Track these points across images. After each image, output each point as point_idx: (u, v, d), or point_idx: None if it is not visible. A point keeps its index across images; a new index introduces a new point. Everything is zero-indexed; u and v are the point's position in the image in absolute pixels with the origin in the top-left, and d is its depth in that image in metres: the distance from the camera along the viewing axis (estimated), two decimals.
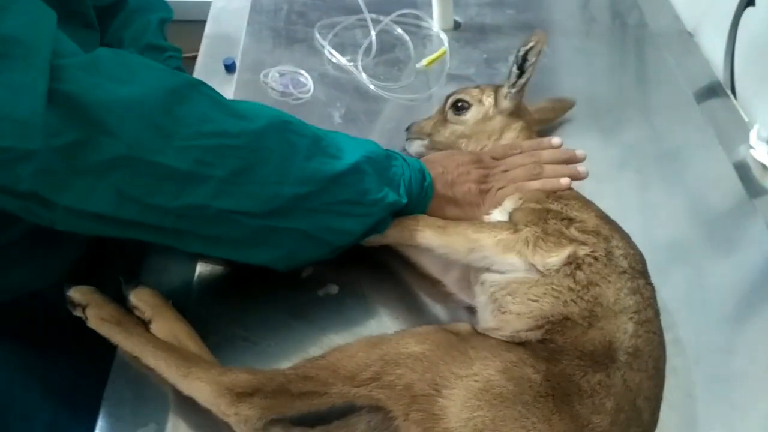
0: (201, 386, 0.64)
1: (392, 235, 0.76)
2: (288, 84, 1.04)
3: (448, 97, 0.94)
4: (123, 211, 0.58)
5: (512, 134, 0.90)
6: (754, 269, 0.89)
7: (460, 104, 0.92)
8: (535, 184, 0.81)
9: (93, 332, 0.71)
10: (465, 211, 0.80)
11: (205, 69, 1.07)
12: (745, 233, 0.94)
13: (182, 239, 0.64)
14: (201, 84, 0.62)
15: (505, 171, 0.83)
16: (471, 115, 0.91)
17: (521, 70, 0.88)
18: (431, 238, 0.75)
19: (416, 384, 0.59)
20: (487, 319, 0.72)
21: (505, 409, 0.58)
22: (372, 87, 1.07)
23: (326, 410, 0.63)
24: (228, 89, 1.03)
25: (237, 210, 0.62)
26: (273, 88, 1.04)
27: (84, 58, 0.55)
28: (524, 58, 0.87)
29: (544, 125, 1.01)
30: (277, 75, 1.05)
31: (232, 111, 0.62)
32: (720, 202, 0.98)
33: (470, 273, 0.78)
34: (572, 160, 0.85)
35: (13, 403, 0.78)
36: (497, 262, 0.73)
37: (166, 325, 0.72)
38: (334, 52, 1.10)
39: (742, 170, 1.00)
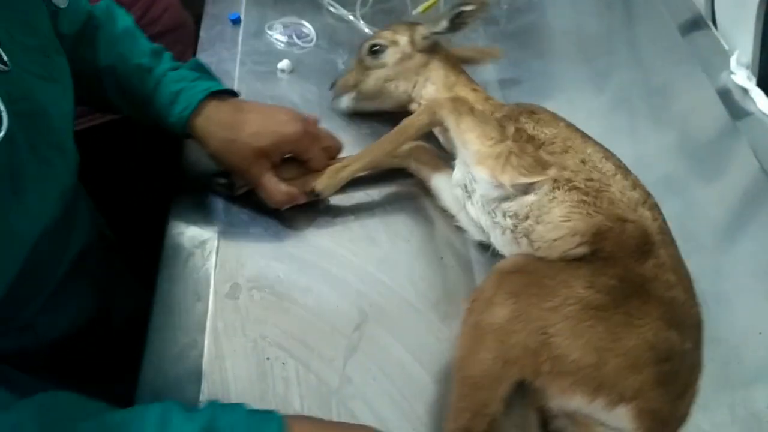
0: None
1: (422, 117, 0.81)
2: (292, 34, 1.09)
3: (360, 47, 0.95)
4: None
5: (436, 68, 0.92)
6: (742, 190, 0.95)
7: (375, 48, 0.92)
8: None
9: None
10: None
11: (212, 25, 1.12)
12: (731, 156, 1.00)
13: None
14: None
15: None
16: (389, 57, 0.92)
17: (452, 24, 0.88)
18: (449, 119, 0.79)
19: (528, 340, 0.61)
20: (527, 251, 0.75)
21: (612, 316, 0.61)
22: (371, 35, 1.11)
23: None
24: (236, 42, 1.08)
25: None
26: (278, 39, 1.08)
27: None
28: (459, 15, 0.87)
29: (467, 64, 1.01)
30: (281, 27, 1.10)
31: None
32: (706, 128, 1.03)
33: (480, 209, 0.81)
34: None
35: None
36: (473, 170, 0.78)
37: None
38: (333, 3, 1.15)
39: (725, 95, 1.06)
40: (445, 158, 0.88)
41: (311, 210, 0.86)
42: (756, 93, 1.05)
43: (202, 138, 0.80)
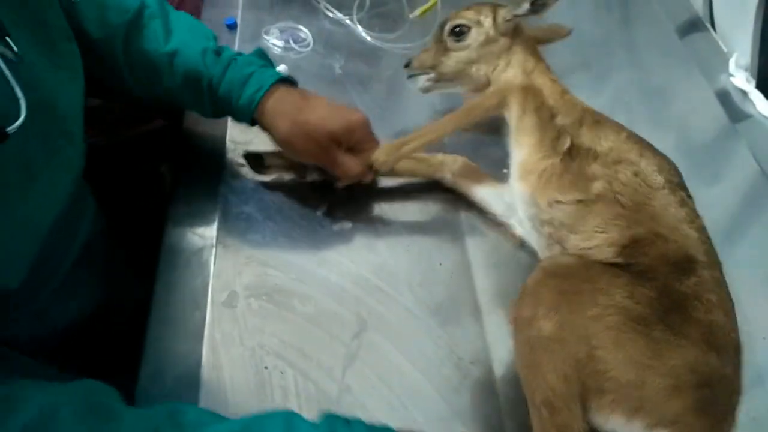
0: None
1: (491, 100, 0.82)
2: (289, 39, 1.08)
3: (442, 25, 0.91)
4: None
5: (517, 52, 0.88)
6: (741, 193, 0.95)
7: (458, 29, 0.88)
8: None
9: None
10: None
11: None
12: (730, 159, 1.00)
13: None
14: None
15: None
16: (473, 39, 0.88)
17: (533, 7, 0.85)
18: (514, 109, 0.80)
19: (579, 351, 0.60)
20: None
21: (652, 331, 0.59)
22: (368, 39, 1.11)
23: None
24: (232, 46, 1.07)
25: None
26: (274, 44, 1.08)
27: None
28: None
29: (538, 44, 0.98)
30: (278, 31, 1.09)
31: None
32: (705, 131, 1.03)
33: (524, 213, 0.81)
34: None
35: None
36: (515, 183, 0.79)
37: None
38: (330, 7, 1.14)
39: (724, 98, 1.06)
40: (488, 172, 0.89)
41: (309, 217, 0.86)
42: (755, 95, 1.05)
43: (272, 119, 0.81)
